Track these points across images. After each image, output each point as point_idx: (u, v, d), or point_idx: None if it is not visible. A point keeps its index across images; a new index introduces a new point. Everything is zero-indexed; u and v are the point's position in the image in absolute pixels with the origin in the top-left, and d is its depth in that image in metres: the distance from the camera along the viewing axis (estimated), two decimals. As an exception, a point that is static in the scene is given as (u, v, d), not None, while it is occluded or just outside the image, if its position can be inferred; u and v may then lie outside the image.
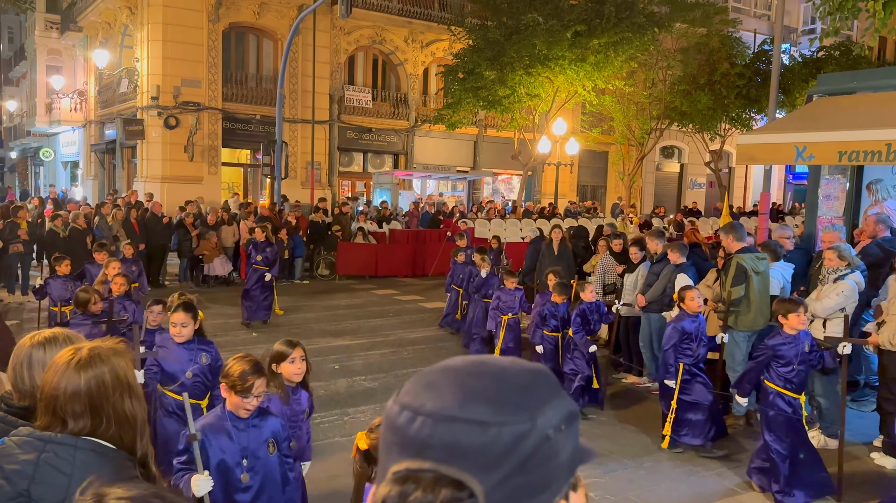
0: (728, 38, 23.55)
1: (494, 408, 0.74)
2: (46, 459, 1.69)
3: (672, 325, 6.26)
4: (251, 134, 22.70)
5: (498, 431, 0.73)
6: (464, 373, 0.78)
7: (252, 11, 22.37)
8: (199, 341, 4.78)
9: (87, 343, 1.89)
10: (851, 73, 9.59)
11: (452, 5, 25.29)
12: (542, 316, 7.70)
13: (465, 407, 0.74)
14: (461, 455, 0.72)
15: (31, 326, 10.37)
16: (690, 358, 6.16)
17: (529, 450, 0.73)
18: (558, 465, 0.76)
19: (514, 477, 0.72)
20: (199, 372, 4.70)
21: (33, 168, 38.04)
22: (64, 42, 29.67)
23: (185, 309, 4.67)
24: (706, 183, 32.95)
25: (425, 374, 0.80)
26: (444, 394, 0.76)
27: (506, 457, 0.72)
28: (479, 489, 0.71)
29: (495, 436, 0.72)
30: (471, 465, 0.71)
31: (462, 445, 0.72)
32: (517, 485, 0.73)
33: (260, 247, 11.15)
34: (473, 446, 0.72)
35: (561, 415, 0.78)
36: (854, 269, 6.47)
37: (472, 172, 26.81)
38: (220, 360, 4.70)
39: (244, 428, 3.38)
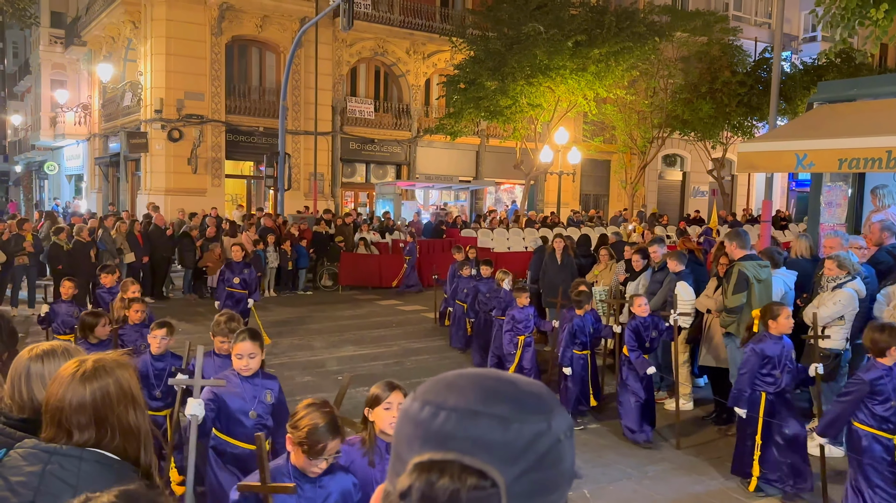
0: (729, 47, 23.63)
1: (515, 407, 0.79)
2: (51, 471, 1.70)
3: (751, 348, 5.45)
4: (254, 146, 22.81)
5: (520, 427, 0.77)
6: (481, 376, 0.83)
7: (254, 24, 22.52)
8: (262, 374, 4.16)
9: (92, 355, 1.91)
10: (852, 81, 9.62)
11: (453, 17, 25.44)
12: (571, 333, 7.18)
13: (487, 403, 0.78)
14: (485, 448, 0.76)
15: (36, 339, 10.40)
16: (773, 386, 5.39)
17: (545, 449, 0.78)
18: (564, 471, 0.81)
19: (531, 472, 0.77)
20: (263, 412, 4.08)
21: (38, 182, 38.22)
22: (68, 56, 29.88)
23: (251, 337, 4.03)
24: (709, 191, 32.96)
25: (443, 377, 0.84)
26: (465, 393, 0.80)
27: (525, 453, 0.77)
28: (500, 480, 0.74)
29: (517, 432, 0.77)
30: (493, 458, 0.75)
31: (485, 439, 0.76)
32: (534, 480, 0.77)
33: (237, 268, 9.76)
34: (496, 440, 0.76)
35: (566, 423, 0.82)
36: (854, 277, 6.46)
37: (474, 182, 26.87)
38: (283, 398, 4.29)
39: (310, 488, 2.82)
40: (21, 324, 11.71)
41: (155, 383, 5.17)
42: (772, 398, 5.39)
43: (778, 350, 5.40)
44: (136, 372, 1.97)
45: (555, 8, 20.82)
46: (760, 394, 5.41)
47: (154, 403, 5.15)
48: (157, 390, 5.18)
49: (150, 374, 5.13)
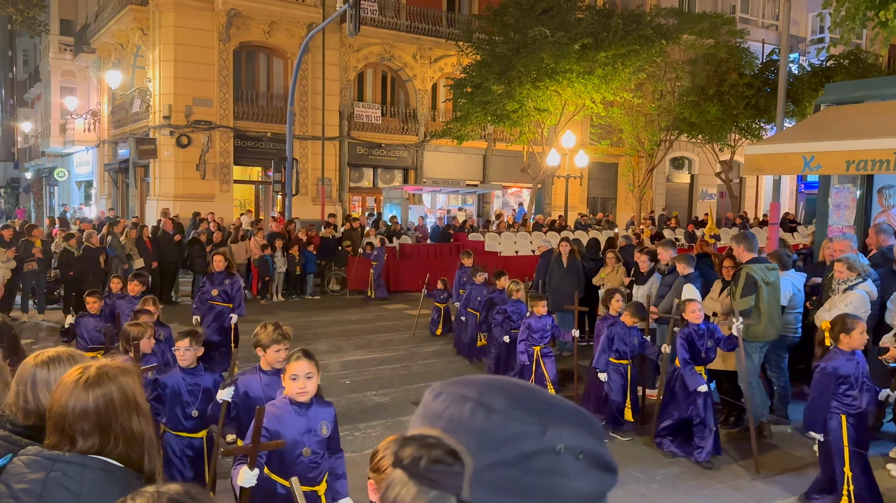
0: (736, 49, 23.54)
1: (508, 402, 0.78)
2: (54, 478, 1.71)
3: (822, 368, 5.05)
4: (262, 151, 22.90)
5: (502, 420, 0.77)
6: (502, 379, 0.84)
7: (262, 31, 22.62)
8: (317, 402, 3.62)
9: (95, 362, 1.92)
10: (859, 82, 9.57)
11: (460, 21, 25.47)
12: (609, 338, 6.87)
13: (483, 393, 0.79)
14: (464, 430, 0.77)
15: (45, 345, 10.46)
16: (852, 408, 4.99)
17: (529, 451, 0.76)
18: (565, 489, 0.77)
19: (508, 468, 0.75)
20: (318, 447, 3.58)
21: (48, 188, 38.49)
22: (77, 64, 30.10)
23: (307, 355, 3.54)
24: (717, 193, 32.84)
25: (473, 374, 0.87)
26: (473, 384, 0.81)
27: (503, 446, 0.75)
28: (469, 462, 0.75)
29: (497, 423, 0.76)
30: (469, 441, 0.76)
31: (467, 422, 0.77)
32: (509, 476, 0.75)
33: (217, 278, 8.78)
34: (476, 425, 0.77)
35: (583, 445, 0.79)
36: (865, 279, 6.43)
37: (481, 186, 26.87)
38: (337, 429, 3.79)
39: None
40: (30, 331, 11.79)
41: (190, 400, 4.63)
42: (853, 422, 4.98)
43: (852, 367, 4.96)
44: (141, 378, 1.97)
45: (561, 11, 20.81)
46: (840, 418, 4.99)
47: (188, 423, 4.65)
48: (192, 408, 4.62)
49: (182, 391, 4.63)
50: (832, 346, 5.08)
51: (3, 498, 1.70)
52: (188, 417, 4.64)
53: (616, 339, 6.82)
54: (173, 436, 4.69)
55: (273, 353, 4.16)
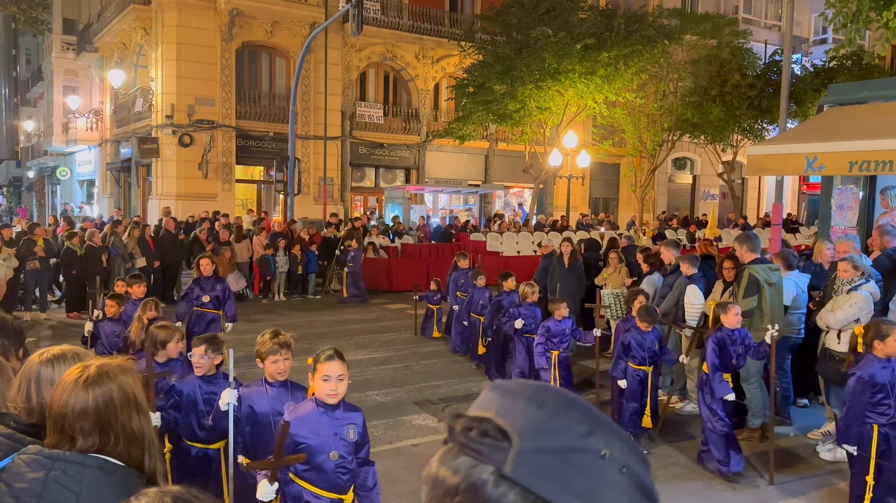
0: (739, 50, 23.53)
1: (561, 402, 0.82)
2: (54, 477, 1.70)
3: (858, 376, 4.82)
4: (264, 151, 22.92)
5: (551, 414, 0.81)
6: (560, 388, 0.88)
7: (264, 30, 22.63)
8: (344, 405, 3.53)
9: (96, 360, 1.91)
10: (862, 83, 9.56)
11: (462, 21, 25.48)
12: (625, 345, 6.62)
13: (538, 391, 0.83)
14: (516, 416, 0.81)
15: (47, 343, 10.48)
16: (886, 416, 4.78)
17: (574, 447, 0.79)
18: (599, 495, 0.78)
19: (551, 455, 0.78)
20: (345, 452, 3.46)
21: (50, 187, 38.56)
22: (80, 63, 30.14)
23: (340, 356, 3.51)
24: (719, 194, 32.81)
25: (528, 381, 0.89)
26: (529, 383, 0.86)
27: (550, 434, 0.79)
28: (516, 441, 0.79)
29: (547, 416, 0.80)
30: (519, 425, 0.80)
31: (518, 410, 0.81)
32: (551, 465, 0.78)
33: (207, 284, 8.18)
34: (527, 414, 0.81)
35: (629, 462, 0.81)
36: (868, 279, 6.41)
37: (483, 186, 26.87)
38: (367, 435, 3.64)
39: None
40: (32, 330, 11.80)
41: (205, 410, 4.38)
42: (885, 431, 4.80)
43: (888, 375, 4.78)
44: (141, 377, 1.97)
45: (563, 12, 20.81)
46: (872, 427, 4.80)
47: (202, 433, 4.41)
48: (207, 418, 4.36)
49: (198, 399, 4.39)
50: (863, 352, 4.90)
51: (3, 497, 1.70)
52: (202, 427, 4.38)
53: (633, 345, 6.55)
54: (188, 445, 4.48)
55: (272, 364, 3.89)
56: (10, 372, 2.43)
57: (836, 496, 5.59)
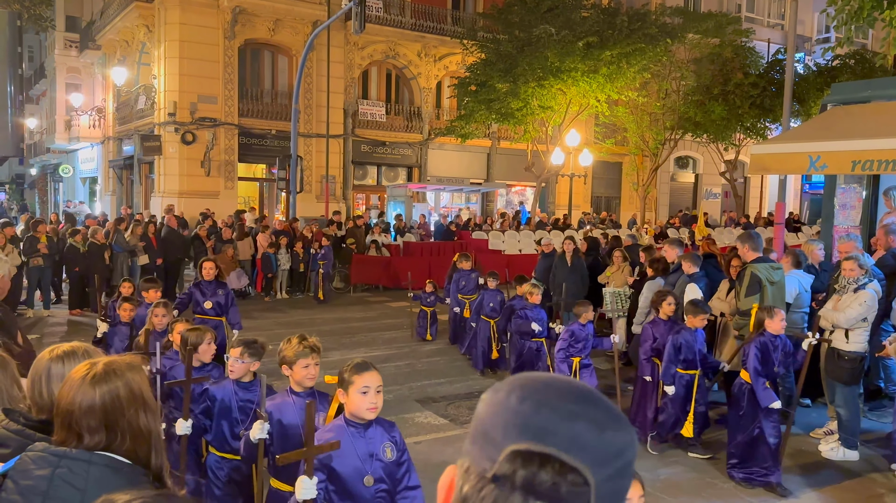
0: (741, 48, 23.48)
1: (608, 415, 0.83)
2: (60, 475, 1.71)
3: None
4: (267, 149, 22.93)
5: (613, 434, 0.82)
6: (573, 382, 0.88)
7: (267, 28, 22.63)
8: (379, 422, 3.23)
9: (103, 357, 1.92)
10: (866, 82, 9.54)
11: (464, 19, 25.46)
12: (676, 347, 6.21)
13: (585, 406, 0.83)
14: (581, 448, 0.80)
15: (50, 340, 10.51)
16: None
17: (630, 459, 0.83)
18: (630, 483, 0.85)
19: (616, 478, 0.81)
20: (383, 474, 3.15)
21: (52, 184, 38.59)
22: (83, 60, 30.16)
23: (374, 367, 3.21)
24: (721, 193, 32.78)
25: (537, 376, 0.89)
26: (565, 393, 0.84)
27: (615, 459, 0.81)
28: (592, 480, 0.79)
29: (611, 439, 0.81)
30: (587, 458, 0.79)
31: (582, 439, 0.80)
32: (616, 487, 0.81)
33: (208, 288, 7.71)
34: (591, 442, 0.80)
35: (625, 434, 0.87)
36: (872, 278, 6.41)
37: (485, 184, 26.86)
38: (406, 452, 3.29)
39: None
40: (36, 326, 11.83)
41: (239, 418, 4.03)
42: None
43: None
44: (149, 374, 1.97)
45: (566, 10, 20.78)
46: None
47: (236, 443, 3.94)
48: (241, 427, 3.97)
49: (233, 407, 4.05)
50: None
51: (9, 494, 1.71)
52: (236, 437, 3.97)
53: (684, 348, 6.17)
54: (218, 457, 4.12)
55: (301, 370, 3.59)
56: (14, 368, 2.43)
57: (839, 494, 5.59)
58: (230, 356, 4.14)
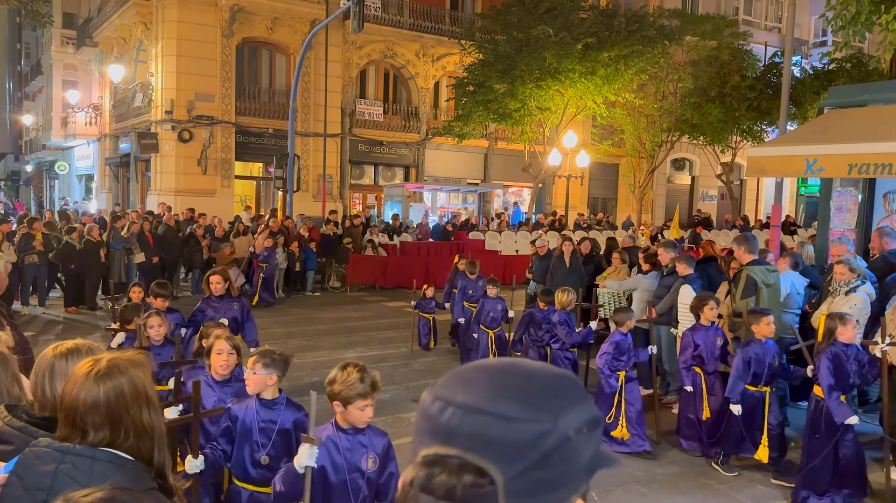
0: (739, 51, 23.56)
1: (521, 405, 0.79)
2: (64, 470, 1.72)
3: None
4: (264, 147, 22.91)
5: (522, 426, 0.77)
6: (497, 371, 0.84)
7: (265, 27, 22.62)
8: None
9: (107, 354, 1.93)
10: (863, 86, 9.60)
11: (463, 20, 25.48)
12: (745, 361, 5.72)
13: (493, 401, 0.79)
14: (486, 445, 0.77)
15: (46, 338, 10.49)
16: None
17: (550, 448, 0.78)
18: (578, 466, 0.81)
19: (533, 471, 0.77)
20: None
21: (48, 181, 38.48)
22: (80, 57, 30.09)
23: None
24: (718, 195, 32.86)
25: (461, 370, 0.86)
26: (475, 389, 0.81)
27: (527, 452, 0.77)
28: (499, 478, 0.76)
29: (519, 431, 0.77)
30: (494, 455, 0.77)
31: (487, 436, 0.77)
32: (536, 478, 0.77)
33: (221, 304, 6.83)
34: (498, 438, 0.77)
35: (584, 418, 0.82)
36: (865, 281, 6.45)
37: (482, 185, 26.89)
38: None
39: None
40: (31, 324, 11.81)
41: (261, 442, 3.56)
42: None
43: None
44: (152, 371, 1.98)
45: (564, 11, 20.81)
46: None
47: (255, 471, 3.57)
48: (262, 453, 3.55)
49: (253, 429, 3.58)
50: None
51: (13, 489, 1.71)
52: (256, 464, 3.54)
53: (754, 362, 5.67)
54: (239, 488, 3.65)
55: (357, 412, 3.15)
56: (15, 365, 2.44)
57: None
58: (247, 367, 3.72)
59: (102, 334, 9.89)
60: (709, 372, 6.29)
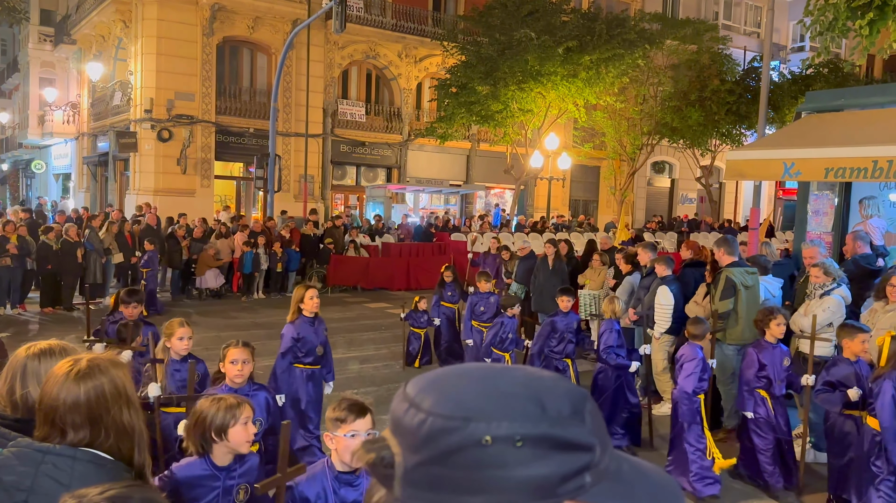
0: (718, 55, 23.82)
1: (436, 398, 0.78)
2: (44, 470, 1.70)
3: None
4: (244, 147, 22.76)
5: (424, 418, 0.77)
6: (464, 371, 0.82)
7: (246, 25, 22.48)
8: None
9: (86, 354, 1.91)
10: (839, 91, 9.74)
11: (445, 21, 25.50)
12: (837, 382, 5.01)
13: (420, 393, 0.80)
14: (400, 431, 0.80)
15: (22, 339, 10.34)
16: None
17: (451, 447, 0.75)
18: (507, 478, 0.74)
19: (433, 465, 0.76)
20: None
21: (25, 180, 37.94)
22: (57, 55, 29.71)
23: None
24: (697, 198, 33.18)
25: (437, 371, 0.85)
26: (422, 382, 0.82)
27: (427, 444, 0.76)
28: (399, 463, 0.78)
29: (421, 423, 0.77)
30: (403, 442, 0.79)
31: (401, 423, 0.79)
32: (436, 475, 0.76)
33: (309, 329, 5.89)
34: (407, 426, 0.78)
35: (523, 431, 0.75)
36: (840, 284, 6.55)
37: (464, 186, 26.93)
38: None
39: None
40: (6, 325, 11.63)
41: None
42: None
43: None
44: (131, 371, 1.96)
45: (546, 14, 20.93)
46: None
47: None
48: None
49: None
50: None
51: None
52: None
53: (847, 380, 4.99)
54: None
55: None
56: None
57: (814, 499, 5.68)
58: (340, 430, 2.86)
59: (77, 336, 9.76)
60: (775, 395, 5.58)
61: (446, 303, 9.93)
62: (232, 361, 3.93)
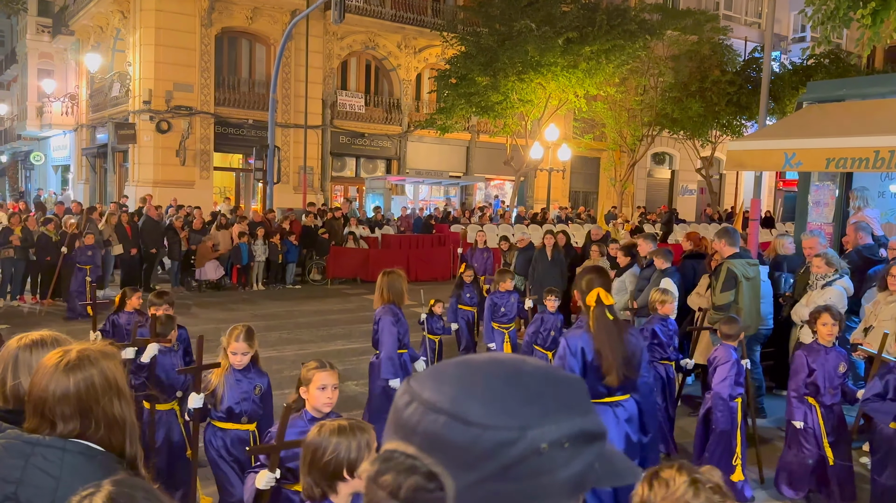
0: (719, 46, 23.73)
1: (484, 409, 0.72)
2: (34, 462, 1.68)
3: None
4: (243, 138, 22.70)
5: (480, 433, 0.71)
6: (477, 369, 0.78)
7: (245, 16, 22.38)
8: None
9: (76, 345, 1.88)
10: (840, 81, 9.70)
11: (445, 11, 25.39)
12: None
13: (455, 401, 0.73)
14: (441, 448, 0.72)
15: (21, 330, 10.30)
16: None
17: (513, 459, 0.71)
18: (554, 482, 0.73)
19: (491, 482, 0.71)
20: None
21: (24, 172, 37.86)
22: (56, 46, 29.59)
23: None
24: (697, 189, 33.12)
25: (442, 365, 0.80)
26: (444, 385, 0.75)
27: (485, 461, 0.71)
28: (450, 484, 0.71)
29: (475, 438, 0.71)
30: (449, 460, 0.72)
31: (443, 438, 0.72)
32: (495, 490, 0.71)
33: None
34: (454, 442, 0.71)
35: (567, 431, 0.74)
36: (842, 275, 6.52)
37: (464, 178, 26.87)
38: None
39: None
40: (5, 316, 11.62)
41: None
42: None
43: None
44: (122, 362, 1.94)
45: (546, 5, 20.82)
46: None
47: None
48: None
49: None
50: None
51: None
52: None
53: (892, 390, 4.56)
54: None
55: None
56: None
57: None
58: None
59: (74, 329, 9.75)
60: (825, 404, 5.06)
61: (464, 305, 9.22)
62: (321, 387, 3.26)
